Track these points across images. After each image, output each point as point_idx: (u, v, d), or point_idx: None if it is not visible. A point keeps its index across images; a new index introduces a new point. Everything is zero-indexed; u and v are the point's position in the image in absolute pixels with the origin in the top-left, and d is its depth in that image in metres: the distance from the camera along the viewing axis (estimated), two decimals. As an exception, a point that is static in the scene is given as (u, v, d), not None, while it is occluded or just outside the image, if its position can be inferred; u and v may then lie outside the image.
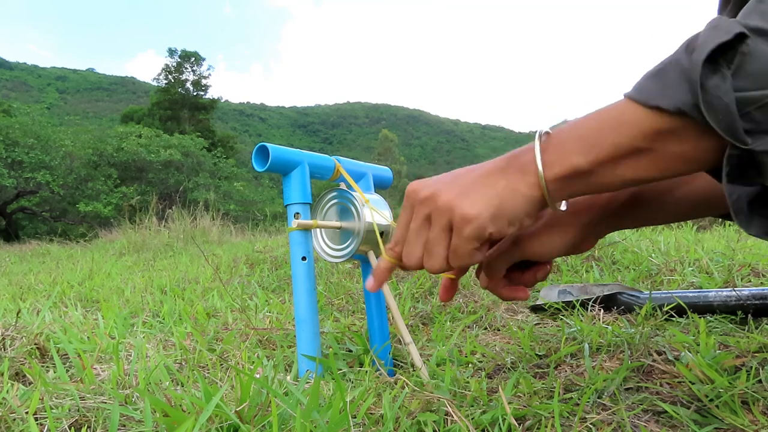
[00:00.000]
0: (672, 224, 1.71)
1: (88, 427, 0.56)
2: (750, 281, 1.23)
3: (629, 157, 0.43)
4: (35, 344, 0.86)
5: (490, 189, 0.49)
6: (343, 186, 0.81)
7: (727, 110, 0.37)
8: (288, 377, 0.76)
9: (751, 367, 0.62)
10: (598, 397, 0.63)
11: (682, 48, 0.40)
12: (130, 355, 0.86)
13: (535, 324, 1.04)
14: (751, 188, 0.43)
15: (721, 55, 0.37)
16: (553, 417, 0.55)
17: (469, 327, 1.06)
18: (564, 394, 0.65)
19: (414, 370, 0.73)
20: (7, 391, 0.61)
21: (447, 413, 0.56)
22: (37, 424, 0.54)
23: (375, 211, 0.77)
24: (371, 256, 0.79)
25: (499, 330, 1.04)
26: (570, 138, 0.46)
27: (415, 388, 0.63)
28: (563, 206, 0.52)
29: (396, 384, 0.66)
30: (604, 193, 0.54)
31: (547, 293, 1.19)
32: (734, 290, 0.92)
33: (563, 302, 1.09)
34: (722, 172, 0.40)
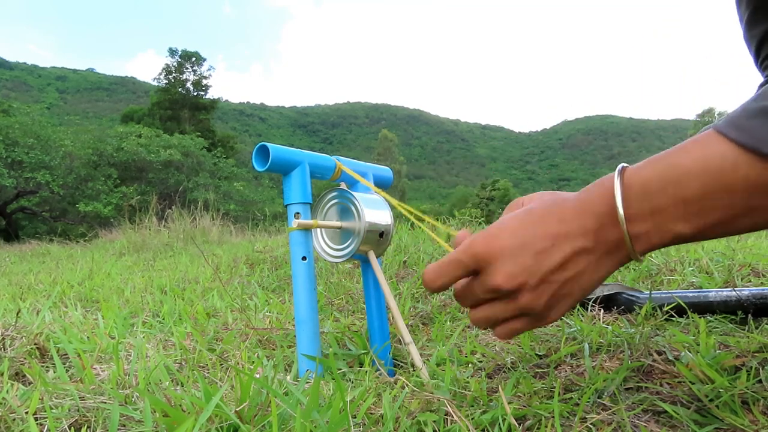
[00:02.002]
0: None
1: (88, 427, 0.56)
2: (750, 281, 1.23)
3: (744, 217, 0.36)
4: (35, 344, 0.86)
5: (577, 284, 0.43)
6: (343, 186, 0.81)
7: None
8: (288, 377, 0.76)
9: (751, 367, 0.62)
10: (598, 397, 0.63)
11: None
12: (130, 355, 0.86)
13: (535, 324, 1.04)
14: None
15: None
16: (553, 417, 0.55)
17: (469, 327, 1.06)
18: (564, 394, 0.65)
19: (414, 370, 0.73)
20: (7, 391, 0.61)
21: (447, 413, 0.56)
22: (37, 424, 0.54)
23: (375, 210, 0.77)
24: (371, 256, 0.79)
25: (499, 330, 1.04)
26: (669, 202, 0.37)
27: (415, 388, 0.63)
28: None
29: (396, 384, 0.66)
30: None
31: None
32: (734, 290, 0.92)
33: (563, 302, 1.09)
34: None
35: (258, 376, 0.69)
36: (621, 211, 0.39)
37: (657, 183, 0.38)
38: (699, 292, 0.98)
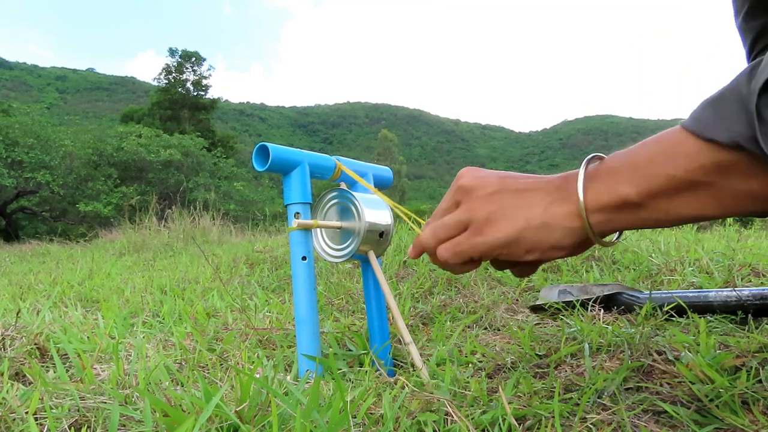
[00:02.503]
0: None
1: (88, 427, 0.56)
2: (750, 281, 1.23)
3: (686, 192, 0.39)
4: (35, 344, 0.86)
5: (523, 210, 0.46)
6: (343, 186, 0.81)
7: None
8: (288, 377, 0.76)
9: (751, 367, 0.62)
10: (598, 397, 0.63)
11: (744, 73, 0.36)
12: (130, 355, 0.86)
13: (535, 324, 1.04)
14: None
15: None
16: (553, 417, 0.55)
17: (469, 327, 1.06)
18: (564, 394, 0.65)
19: (414, 370, 0.73)
20: (7, 391, 0.61)
21: (447, 413, 0.56)
22: (37, 424, 0.54)
23: (376, 209, 0.77)
24: (371, 256, 0.79)
25: (499, 330, 1.04)
26: (621, 166, 0.42)
27: (415, 388, 0.63)
28: (615, 237, 0.48)
29: (396, 384, 0.66)
30: (653, 228, 0.49)
31: (547, 293, 1.19)
32: (734, 290, 0.92)
33: (563, 302, 1.09)
34: None
35: (258, 376, 0.69)
36: (582, 172, 0.44)
37: (619, 155, 0.43)
38: (699, 292, 0.98)
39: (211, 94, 31.30)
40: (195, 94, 30.19)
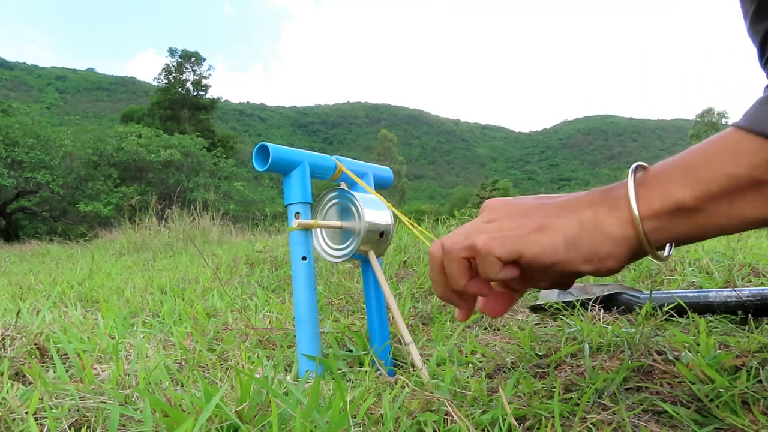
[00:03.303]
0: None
1: (88, 427, 0.56)
2: (750, 281, 1.23)
3: (749, 192, 0.37)
4: (35, 344, 0.86)
5: (573, 216, 0.42)
6: (343, 186, 0.81)
7: None
8: (288, 377, 0.76)
9: (752, 367, 0.62)
10: (598, 397, 0.63)
11: None
12: (130, 355, 0.86)
13: (535, 324, 1.04)
14: None
15: None
16: (553, 417, 0.55)
17: (469, 327, 1.06)
18: (564, 394, 0.65)
19: (414, 370, 0.73)
20: (7, 391, 0.61)
21: (447, 413, 0.56)
22: (37, 424, 0.54)
23: (377, 209, 0.77)
24: (371, 256, 0.79)
25: (499, 330, 1.04)
26: (673, 170, 0.40)
27: (415, 388, 0.63)
28: (667, 251, 0.44)
29: (396, 384, 0.66)
30: (715, 237, 0.44)
31: (547, 293, 1.19)
32: (734, 290, 0.92)
33: (563, 302, 1.09)
34: None
35: (258, 376, 0.69)
36: (630, 178, 0.41)
37: (668, 161, 0.41)
38: (699, 292, 0.98)
39: (211, 94, 31.34)
40: (195, 94, 30.19)
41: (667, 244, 0.44)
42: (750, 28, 0.48)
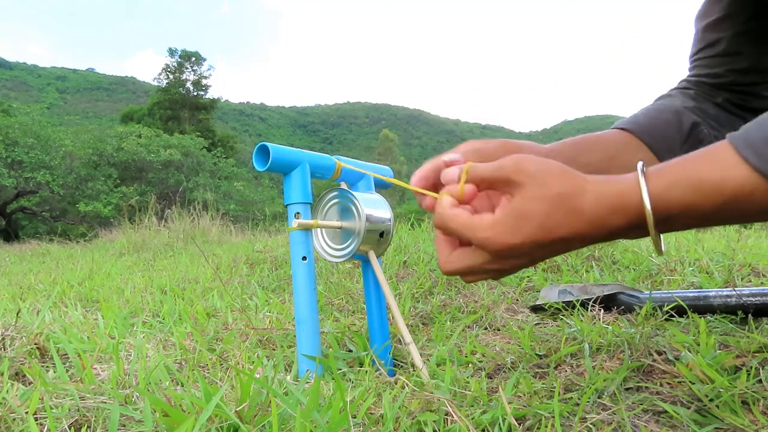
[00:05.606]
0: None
1: (88, 427, 0.56)
2: (750, 281, 1.23)
3: (755, 217, 0.41)
4: (35, 344, 0.86)
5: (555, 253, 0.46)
6: (343, 186, 0.81)
7: None
8: (288, 377, 0.76)
9: (751, 367, 0.62)
10: (598, 397, 0.63)
11: None
12: (130, 355, 0.86)
13: (535, 324, 1.04)
14: None
15: None
16: (553, 417, 0.55)
17: (469, 327, 1.06)
18: (564, 394, 0.65)
19: (414, 370, 0.73)
20: (7, 391, 0.60)
21: (447, 413, 0.56)
22: (37, 424, 0.54)
23: (376, 208, 0.77)
24: (372, 255, 0.79)
25: (499, 330, 1.04)
26: (681, 214, 0.41)
27: (415, 388, 0.63)
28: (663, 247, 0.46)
29: (396, 384, 0.66)
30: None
31: (547, 293, 1.19)
32: (734, 290, 0.92)
33: (563, 302, 1.09)
34: None
35: (258, 376, 0.69)
36: (649, 208, 0.42)
37: (677, 195, 0.41)
38: (699, 292, 0.98)
39: (211, 94, 31.36)
40: (195, 94, 30.20)
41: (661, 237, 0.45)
42: (696, 19, 0.51)
